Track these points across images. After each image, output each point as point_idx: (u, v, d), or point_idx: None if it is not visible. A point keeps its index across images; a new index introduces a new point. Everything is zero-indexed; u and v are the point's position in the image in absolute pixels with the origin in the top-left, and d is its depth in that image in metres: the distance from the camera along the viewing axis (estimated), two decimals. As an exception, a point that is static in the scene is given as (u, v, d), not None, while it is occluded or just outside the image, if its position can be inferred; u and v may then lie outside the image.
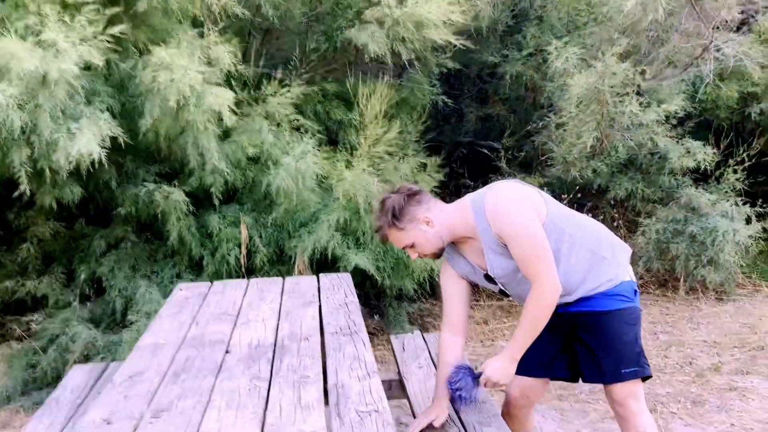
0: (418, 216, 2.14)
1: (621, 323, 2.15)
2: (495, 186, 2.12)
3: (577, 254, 2.10)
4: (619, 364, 2.15)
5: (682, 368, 3.83)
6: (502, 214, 2.03)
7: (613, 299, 2.14)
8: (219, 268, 3.82)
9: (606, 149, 4.62)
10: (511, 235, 2.02)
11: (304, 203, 3.77)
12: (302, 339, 2.25)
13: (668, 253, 4.79)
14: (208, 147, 3.59)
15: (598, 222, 2.27)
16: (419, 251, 2.20)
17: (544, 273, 2.01)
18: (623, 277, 2.17)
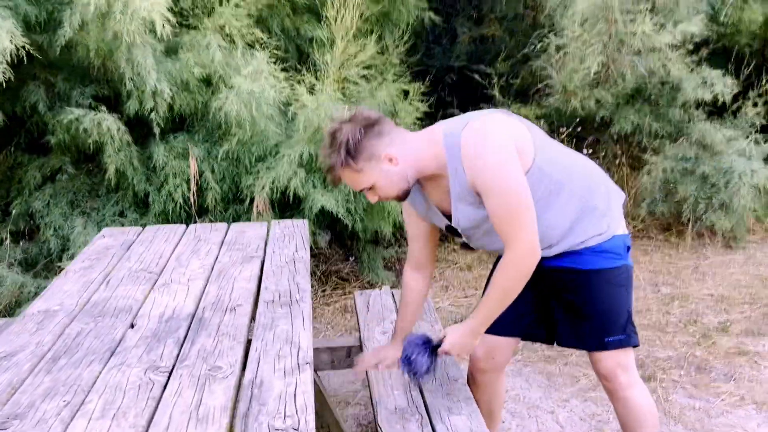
0: (378, 152, 1.74)
1: (608, 284, 1.87)
2: (474, 121, 1.71)
3: (563, 202, 1.80)
4: (602, 332, 1.88)
5: (686, 327, 3.43)
6: (481, 164, 1.67)
7: (602, 256, 1.85)
8: (166, 206, 3.34)
9: (612, 76, 4.07)
10: (489, 190, 1.68)
11: (261, 134, 3.26)
12: (229, 309, 1.80)
13: (675, 194, 4.32)
14: (144, 64, 3.05)
15: (591, 162, 1.94)
16: (380, 194, 1.81)
17: (523, 236, 1.70)
18: (615, 230, 1.87)
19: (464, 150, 1.68)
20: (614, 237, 1.86)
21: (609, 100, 4.23)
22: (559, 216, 1.81)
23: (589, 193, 1.83)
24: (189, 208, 3.37)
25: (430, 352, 1.91)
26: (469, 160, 1.68)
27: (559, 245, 1.85)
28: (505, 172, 1.66)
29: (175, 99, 3.29)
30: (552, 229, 1.81)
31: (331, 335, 3.43)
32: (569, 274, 1.88)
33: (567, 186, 1.79)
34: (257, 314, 1.77)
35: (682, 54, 4.28)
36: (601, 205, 1.84)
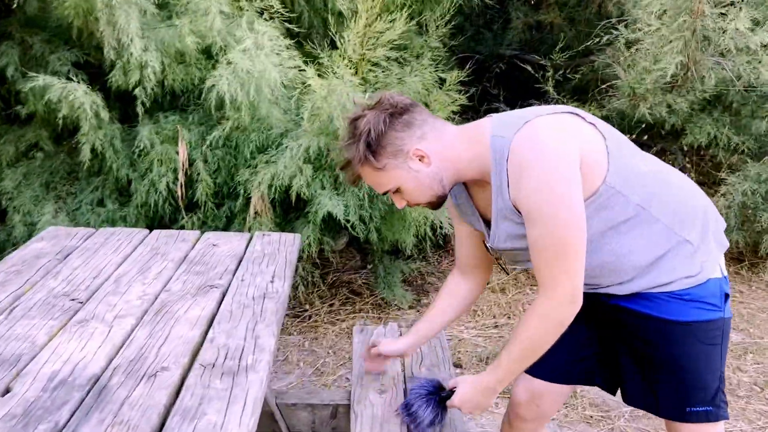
0: (406, 147, 1.42)
1: (697, 342, 1.44)
2: (535, 121, 1.35)
3: (643, 231, 1.40)
4: (685, 400, 1.47)
5: (763, 391, 2.79)
6: (528, 181, 1.32)
7: (691, 306, 1.43)
8: (149, 198, 2.84)
9: (691, 80, 3.41)
10: (534, 215, 1.34)
11: (262, 121, 2.72)
12: (148, 374, 1.28)
13: (755, 222, 3.65)
14: (127, 29, 2.53)
15: (687, 179, 1.51)
16: (408, 199, 1.50)
17: (564, 280, 1.35)
18: (711, 272, 1.44)
19: (512, 158, 1.34)
20: (709, 281, 1.44)
21: (684, 108, 3.56)
22: (636, 246, 1.41)
23: (680, 222, 1.42)
24: (176, 201, 2.86)
25: (437, 403, 1.62)
26: (516, 173, 1.34)
27: (632, 283, 1.45)
28: (558, 197, 1.31)
29: (167, 72, 2.77)
30: (624, 261, 1.42)
31: (331, 365, 2.90)
32: (645, 320, 1.47)
33: (650, 212, 1.40)
34: (184, 387, 1.25)
35: (775, 57, 3.59)
36: (694, 239, 1.43)
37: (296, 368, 2.88)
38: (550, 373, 1.66)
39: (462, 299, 1.73)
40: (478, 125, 1.45)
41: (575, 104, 4.03)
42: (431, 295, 3.54)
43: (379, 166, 1.42)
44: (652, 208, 1.40)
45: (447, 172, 1.45)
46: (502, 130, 1.38)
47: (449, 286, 1.74)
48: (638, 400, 1.57)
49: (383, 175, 1.45)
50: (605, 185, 1.36)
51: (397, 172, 1.44)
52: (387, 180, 1.46)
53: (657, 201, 1.41)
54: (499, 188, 1.39)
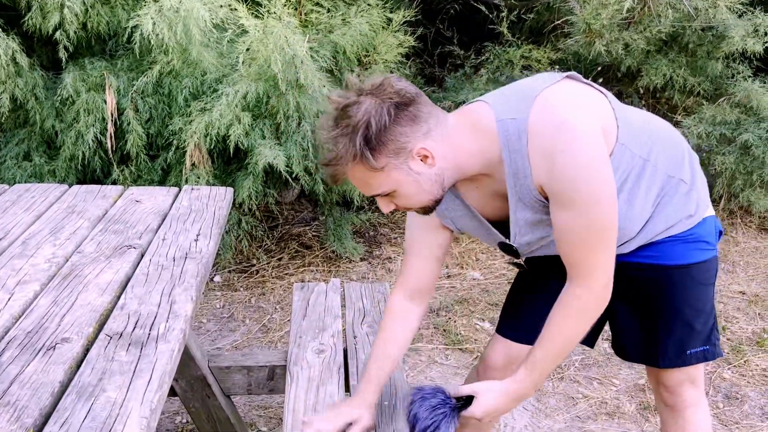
0: (411, 145, 1.21)
1: (696, 283, 1.42)
2: (546, 95, 1.21)
3: (647, 183, 1.32)
4: (685, 342, 1.46)
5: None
6: (564, 162, 1.17)
7: (692, 247, 1.39)
8: (77, 150, 2.66)
9: (648, 15, 3.30)
10: (570, 199, 1.20)
11: (195, 65, 2.54)
12: (46, 347, 1.16)
13: (709, 166, 3.61)
14: (43, -34, 2.31)
15: (666, 122, 1.45)
16: (399, 203, 1.30)
17: (599, 270, 1.25)
18: (706, 210, 1.42)
19: (534, 140, 1.19)
20: (705, 220, 1.41)
21: (641, 46, 3.47)
22: (643, 202, 1.34)
23: (674, 164, 1.36)
24: (105, 153, 2.68)
25: (452, 412, 1.35)
26: (545, 154, 1.19)
27: (637, 238, 1.39)
28: (598, 179, 1.19)
29: (90, 14, 2.56)
30: (632, 222, 1.35)
31: (278, 321, 2.81)
32: (649, 272, 1.42)
33: (650, 161, 1.32)
34: (85, 361, 1.13)
35: (731, -5, 3.50)
36: (688, 178, 1.38)
37: (242, 325, 2.79)
38: (533, 336, 1.49)
39: (412, 328, 1.51)
40: (476, 111, 1.28)
41: (529, 46, 3.91)
42: (383, 246, 3.45)
43: (377, 166, 1.20)
44: (652, 157, 1.33)
45: (449, 172, 1.27)
46: (510, 112, 1.23)
47: (398, 314, 1.50)
48: (638, 355, 1.55)
49: (379, 176, 1.23)
50: (618, 144, 1.27)
51: (395, 173, 1.23)
52: (381, 182, 1.24)
53: (654, 149, 1.34)
54: (516, 175, 1.24)
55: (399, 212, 3.78)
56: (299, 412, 1.53)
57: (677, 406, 1.55)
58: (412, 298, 1.50)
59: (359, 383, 1.52)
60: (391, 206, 1.31)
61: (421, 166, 1.23)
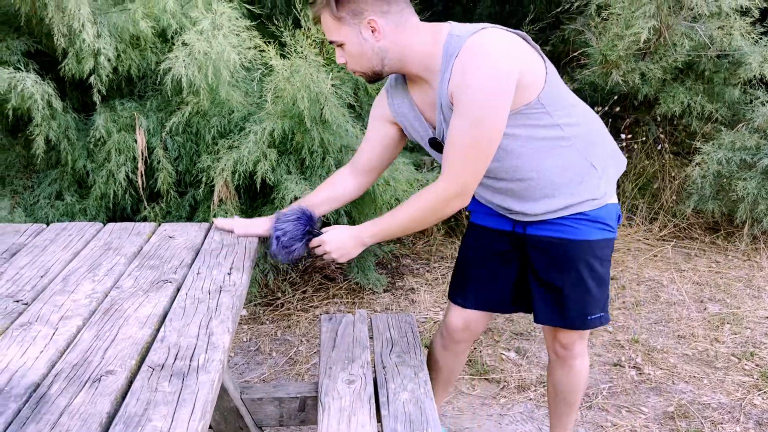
0: (366, 13, 1.50)
1: (596, 258, 1.69)
2: (490, 30, 1.49)
3: (562, 153, 1.59)
4: (587, 309, 1.73)
5: (740, 362, 2.77)
6: (471, 79, 1.45)
7: (593, 226, 1.66)
8: (108, 188, 2.73)
9: (664, 45, 3.35)
10: (462, 110, 1.48)
11: (223, 104, 2.62)
12: (92, 379, 1.20)
13: (730, 191, 3.62)
14: (78, 14, 2.41)
15: (596, 115, 1.72)
16: (348, 61, 1.59)
17: (463, 173, 1.53)
18: (610, 197, 1.68)
19: (462, 55, 1.46)
20: (608, 205, 1.67)
21: (657, 75, 3.51)
22: (553, 165, 1.59)
23: (590, 149, 1.62)
24: (135, 191, 2.76)
25: (305, 233, 1.67)
26: (460, 71, 1.46)
27: (540, 203, 1.64)
28: (489, 101, 1.45)
29: (122, 58, 2.66)
30: (545, 178, 1.60)
31: (304, 353, 2.83)
32: (556, 244, 1.68)
33: (568, 134, 1.58)
34: (129, 392, 1.17)
35: (745, 23, 3.54)
36: (599, 166, 1.64)
37: (269, 358, 2.81)
38: (482, 304, 1.87)
39: (343, 196, 1.80)
40: (439, 25, 1.54)
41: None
42: (406, 277, 3.48)
43: (337, 15, 1.51)
44: (572, 134, 1.58)
45: (392, 55, 1.53)
46: (459, 30, 1.50)
47: (336, 178, 1.80)
48: (548, 318, 1.77)
49: (336, 26, 1.53)
50: (537, 100, 1.51)
51: (348, 29, 1.52)
52: (337, 32, 1.54)
53: (577, 129, 1.59)
54: (443, 80, 1.50)
55: (422, 242, 3.83)
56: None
57: (567, 358, 1.85)
58: (355, 175, 1.79)
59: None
60: (342, 60, 1.59)
61: (369, 35, 1.51)
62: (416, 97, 1.64)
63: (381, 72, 1.58)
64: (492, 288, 1.84)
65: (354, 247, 1.66)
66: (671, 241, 3.90)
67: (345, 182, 1.79)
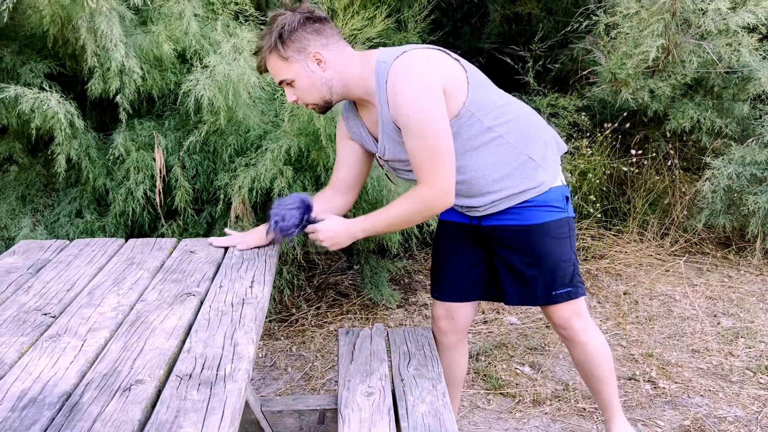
0: (309, 48, 1.68)
1: (551, 238, 1.85)
2: (410, 52, 1.66)
3: (496, 150, 1.76)
4: (550, 286, 1.88)
5: (755, 375, 2.77)
6: (402, 100, 1.63)
7: (540, 210, 1.83)
8: (127, 206, 2.78)
9: (672, 63, 3.39)
10: (409, 129, 1.64)
11: (240, 123, 2.67)
12: (122, 388, 1.23)
13: (741, 206, 3.63)
14: (111, 35, 2.48)
15: (531, 110, 1.87)
16: (298, 95, 1.75)
17: (439, 178, 1.67)
18: (552, 182, 1.85)
19: (390, 81, 1.64)
20: (551, 189, 1.83)
21: (666, 92, 3.54)
22: (490, 162, 1.76)
23: (524, 143, 1.78)
24: (153, 208, 2.80)
25: (302, 219, 1.78)
26: (393, 94, 1.64)
27: (487, 196, 1.81)
28: (426, 112, 1.61)
29: (145, 78, 2.72)
30: (482, 177, 1.77)
31: (320, 369, 2.85)
32: (510, 232, 1.85)
33: (500, 134, 1.75)
34: (159, 400, 1.20)
35: (753, 39, 3.58)
36: (537, 157, 1.80)
37: (284, 374, 2.84)
38: (458, 296, 2.03)
39: (338, 206, 1.91)
40: (369, 53, 1.72)
41: (556, 95, 4.01)
42: (419, 293, 3.50)
43: (284, 56, 1.66)
44: (504, 131, 1.74)
45: (337, 83, 1.70)
46: (386, 57, 1.67)
47: (323, 197, 1.91)
48: (518, 299, 1.92)
49: (284, 65, 1.68)
50: (464, 109, 1.67)
51: (296, 66, 1.68)
52: (287, 70, 1.68)
53: (508, 126, 1.74)
54: (381, 104, 1.68)
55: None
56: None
57: (572, 336, 1.95)
58: (335, 192, 1.91)
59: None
60: (293, 96, 1.73)
61: (316, 67, 1.68)
62: (365, 118, 1.82)
63: (330, 100, 1.74)
64: (462, 278, 2.00)
65: (346, 239, 1.79)
66: (683, 256, 3.90)
67: (334, 199, 1.91)
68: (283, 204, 1.80)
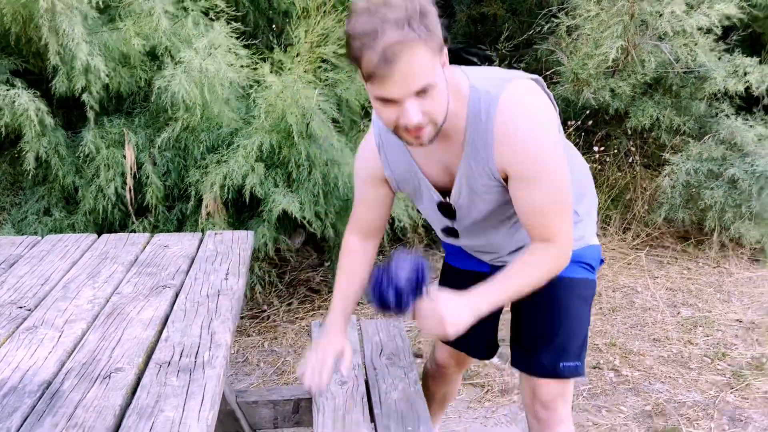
0: (442, 45, 1.17)
1: (578, 298, 1.59)
2: (518, 83, 1.29)
3: None
4: (560, 355, 1.58)
5: (713, 362, 2.89)
6: (531, 147, 1.27)
7: (576, 265, 1.55)
8: (97, 204, 2.78)
9: (631, 63, 3.50)
10: (536, 178, 1.30)
11: (213, 120, 2.69)
12: (101, 376, 1.25)
13: (699, 200, 3.76)
14: (72, 34, 2.48)
15: (581, 157, 1.64)
16: (432, 111, 1.19)
17: (567, 232, 1.37)
18: (591, 239, 1.61)
19: (502, 119, 1.26)
20: (590, 246, 1.60)
21: (627, 91, 3.66)
22: None
23: (579, 199, 1.55)
24: (125, 206, 2.81)
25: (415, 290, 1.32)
26: (512, 138, 1.27)
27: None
28: (558, 159, 1.31)
29: (112, 76, 2.72)
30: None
31: (292, 364, 2.89)
32: None
33: None
34: (140, 386, 1.23)
35: (709, 40, 3.72)
36: (582, 211, 1.57)
37: (257, 369, 2.86)
38: (464, 347, 1.84)
39: (371, 260, 1.65)
40: (456, 76, 1.30)
41: (522, 93, 4.09)
42: (390, 288, 3.55)
43: (439, 50, 1.15)
44: None
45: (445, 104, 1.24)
46: (485, 86, 1.28)
47: (355, 251, 1.62)
48: (518, 362, 1.67)
49: (434, 62, 1.15)
50: None
51: (438, 69, 1.17)
52: (432, 69, 1.15)
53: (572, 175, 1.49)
54: (475, 143, 1.30)
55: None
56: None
57: (549, 422, 1.63)
58: (365, 238, 1.63)
59: (329, 317, 1.62)
60: (419, 115, 1.18)
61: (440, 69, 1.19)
62: (420, 156, 1.43)
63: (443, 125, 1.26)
64: (482, 334, 1.71)
65: (468, 319, 1.34)
66: (644, 250, 4.03)
67: (366, 248, 1.64)
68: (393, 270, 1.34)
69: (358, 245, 1.63)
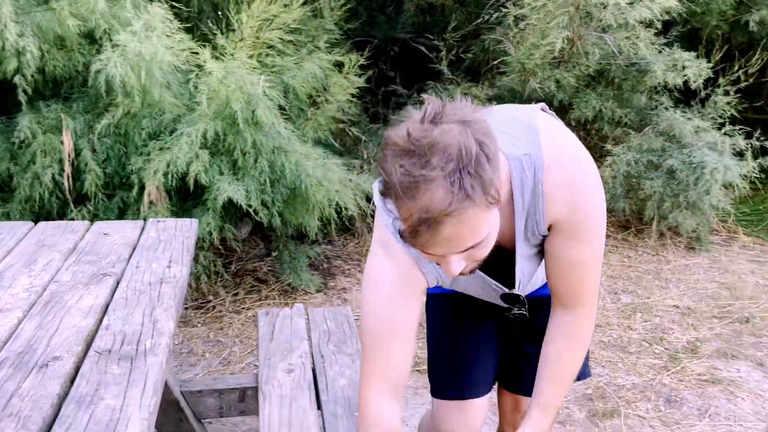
0: (493, 181, 0.94)
1: None
2: (551, 130, 1.14)
3: None
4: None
5: (651, 347, 2.99)
6: (585, 203, 1.13)
7: None
8: (32, 192, 2.68)
9: (576, 54, 3.57)
10: (583, 236, 1.17)
11: (154, 106, 2.63)
12: (39, 365, 1.21)
13: (639, 190, 3.88)
14: (0, 14, 2.37)
15: None
16: (476, 257, 1.05)
17: (595, 299, 1.27)
18: None
19: (552, 177, 1.10)
20: None
21: (571, 82, 3.73)
22: None
23: None
24: (63, 194, 2.71)
25: None
26: (566, 187, 1.11)
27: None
28: (603, 214, 1.18)
29: (47, 59, 2.62)
30: None
31: (238, 354, 2.85)
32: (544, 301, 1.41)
33: None
34: (78, 375, 1.19)
35: (651, 33, 3.82)
36: None
37: (202, 359, 2.82)
38: (478, 392, 1.55)
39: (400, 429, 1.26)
40: None
41: (468, 84, 4.14)
42: (338, 278, 3.55)
43: (492, 200, 0.94)
44: None
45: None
46: (519, 147, 1.11)
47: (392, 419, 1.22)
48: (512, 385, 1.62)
49: (489, 217, 0.98)
50: None
51: (490, 214, 0.98)
52: (487, 224, 0.98)
53: None
54: (528, 211, 1.15)
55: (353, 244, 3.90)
56: (275, 426, 1.60)
57: None
58: (395, 395, 1.23)
59: None
60: (462, 265, 1.04)
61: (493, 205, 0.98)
62: None
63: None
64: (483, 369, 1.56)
65: None
66: (587, 239, 4.12)
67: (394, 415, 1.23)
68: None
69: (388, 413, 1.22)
